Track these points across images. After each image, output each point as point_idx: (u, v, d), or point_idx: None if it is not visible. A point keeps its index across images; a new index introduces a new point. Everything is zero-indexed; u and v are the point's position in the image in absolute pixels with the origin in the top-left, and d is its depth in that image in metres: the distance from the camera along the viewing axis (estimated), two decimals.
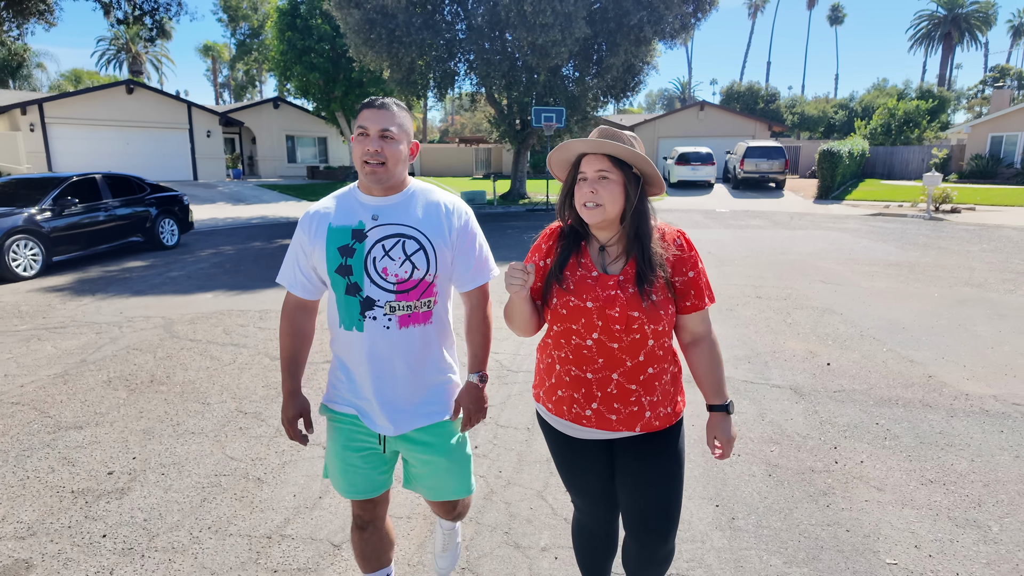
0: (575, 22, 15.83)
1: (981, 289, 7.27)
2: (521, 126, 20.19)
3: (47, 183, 9.25)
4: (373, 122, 1.66)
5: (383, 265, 1.68)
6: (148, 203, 10.53)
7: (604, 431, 1.67)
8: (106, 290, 7.48)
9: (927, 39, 58.12)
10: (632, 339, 1.59)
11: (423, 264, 1.70)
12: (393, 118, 1.68)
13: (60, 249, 8.80)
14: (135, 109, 23.98)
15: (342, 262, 1.69)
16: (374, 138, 1.66)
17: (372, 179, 1.67)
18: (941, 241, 11.36)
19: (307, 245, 1.75)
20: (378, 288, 1.68)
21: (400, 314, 1.70)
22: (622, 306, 1.58)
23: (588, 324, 1.61)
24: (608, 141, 1.59)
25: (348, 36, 17.52)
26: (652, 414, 1.66)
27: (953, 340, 5.28)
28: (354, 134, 1.69)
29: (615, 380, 1.63)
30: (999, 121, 26.89)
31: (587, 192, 1.61)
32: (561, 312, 1.64)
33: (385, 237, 1.70)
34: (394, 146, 1.68)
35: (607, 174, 1.59)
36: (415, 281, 1.70)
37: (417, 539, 2.63)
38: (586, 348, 1.63)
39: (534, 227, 13.85)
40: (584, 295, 1.61)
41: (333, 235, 1.71)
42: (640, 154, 1.60)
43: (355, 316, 1.70)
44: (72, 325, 5.88)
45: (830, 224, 14.33)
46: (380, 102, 1.69)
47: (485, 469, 3.18)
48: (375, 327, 1.70)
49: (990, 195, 20.34)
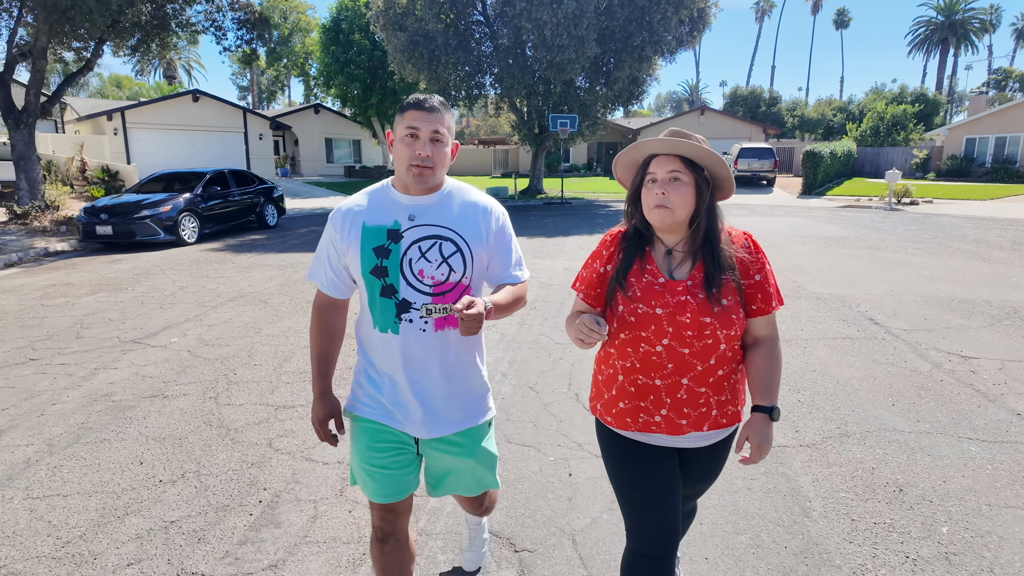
0: (587, 43, 18.82)
1: (876, 250, 10.19)
2: (539, 130, 23.19)
3: (191, 176, 12.41)
4: (425, 124, 1.62)
5: (419, 267, 1.65)
6: (257, 192, 13.69)
7: (674, 436, 1.61)
8: (255, 250, 10.61)
9: (925, 44, 60.43)
10: (704, 344, 1.55)
11: (460, 267, 1.67)
12: (443, 120, 1.64)
13: (207, 224, 11.97)
14: (199, 115, 27.31)
15: (377, 263, 1.65)
16: (425, 141, 1.62)
17: (419, 180, 1.64)
18: (880, 224, 14.23)
19: (339, 243, 1.71)
20: (414, 290, 1.65)
21: (437, 316, 1.61)
22: (693, 312, 1.53)
23: (658, 331, 1.55)
24: (683, 140, 1.55)
25: (393, 55, 20.62)
26: (719, 412, 1.61)
27: (830, 273, 8.22)
28: (400, 133, 1.64)
29: (685, 385, 1.57)
30: (973, 124, 29.55)
31: (657, 194, 1.56)
32: (629, 320, 1.58)
33: (422, 238, 1.66)
34: (442, 149, 1.65)
35: (679, 175, 1.55)
36: (452, 283, 1.67)
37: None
38: (655, 355, 1.57)
39: (551, 216, 16.89)
40: (652, 301, 1.56)
41: (368, 235, 1.67)
42: (715, 155, 1.56)
43: (391, 319, 1.67)
44: (257, 267, 8.98)
45: (801, 214, 17.21)
46: (430, 103, 1.64)
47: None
48: (411, 329, 1.66)
49: (955, 191, 23.07)
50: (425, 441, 1.76)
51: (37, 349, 5.11)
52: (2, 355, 4.95)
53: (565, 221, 15.24)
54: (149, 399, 4.03)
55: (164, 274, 8.45)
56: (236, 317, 6.09)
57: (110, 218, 10.66)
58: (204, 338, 5.38)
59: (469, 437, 1.79)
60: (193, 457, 3.25)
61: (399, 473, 1.74)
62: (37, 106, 12.65)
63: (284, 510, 2.75)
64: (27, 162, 12.73)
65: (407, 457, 1.76)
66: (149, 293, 7.21)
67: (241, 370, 4.57)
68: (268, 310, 6.38)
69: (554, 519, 2.69)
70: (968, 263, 8.87)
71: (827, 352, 4.90)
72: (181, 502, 2.82)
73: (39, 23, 11.78)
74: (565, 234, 12.62)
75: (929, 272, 8.21)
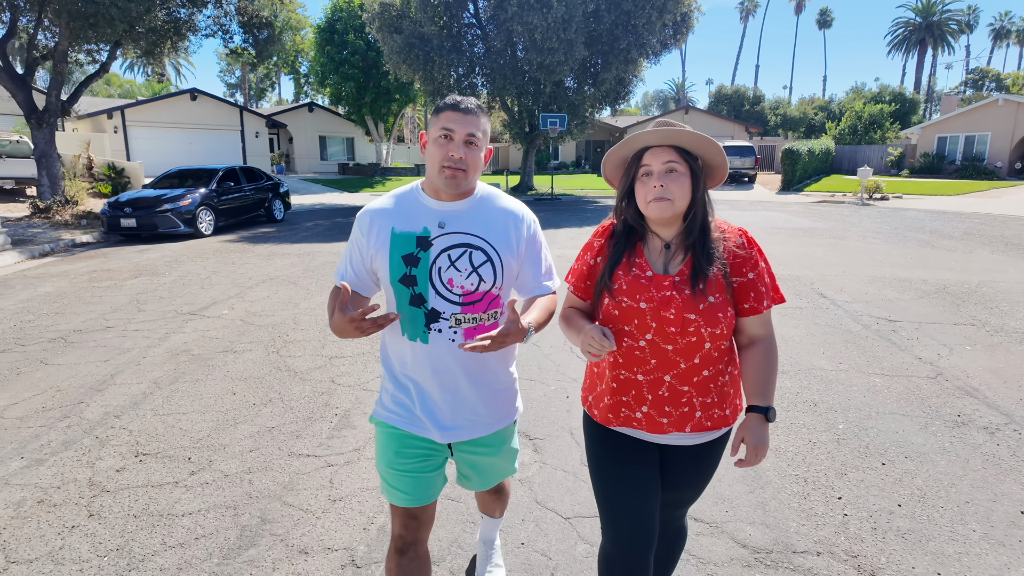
0: (575, 46, 19.75)
1: (839, 240, 11.22)
2: (530, 129, 24.11)
3: (205, 173, 13.20)
4: (461, 126, 1.59)
5: (448, 276, 1.63)
6: (266, 188, 14.50)
7: (654, 434, 1.60)
8: (269, 241, 11.45)
9: (904, 45, 62.05)
10: (688, 341, 1.52)
11: (490, 276, 1.65)
12: (479, 123, 1.61)
13: (221, 217, 12.78)
14: (197, 113, 27.96)
15: (406, 271, 1.63)
16: (459, 143, 1.59)
17: (451, 183, 1.60)
18: (849, 217, 15.31)
19: (365, 248, 1.69)
20: (443, 300, 1.63)
21: (466, 326, 1.64)
22: (678, 308, 1.51)
23: (641, 325, 1.54)
24: (679, 129, 1.52)
25: (388, 56, 21.43)
26: (704, 415, 1.59)
27: (793, 259, 9.22)
28: (434, 134, 1.61)
29: (667, 383, 1.56)
30: (944, 124, 30.88)
31: (655, 186, 1.52)
32: (613, 313, 1.58)
33: (452, 247, 1.63)
34: (477, 153, 1.63)
35: (676, 166, 1.52)
36: (481, 293, 1.65)
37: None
38: (638, 349, 1.56)
39: (543, 211, 17.82)
40: (637, 295, 1.55)
41: (397, 242, 1.64)
42: (711, 140, 1.53)
43: (420, 328, 1.65)
44: (277, 255, 9.83)
45: (777, 208, 18.27)
46: (466, 105, 1.61)
47: None
48: (440, 339, 1.65)
49: (925, 187, 24.29)
50: (454, 444, 1.78)
51: (109, 320, 5.96)
52: (82, 323, 5.80)
53: (556, 215, 16.18)
54: (222, 353, 4.92)
55: (192, 261, 9.29)
56: (273, 295, 6.96)
57: (134, 211, 11.45)
58: (250, 311, 6.25)
59: (497, 438, 1.82)
60: (274, 390, 4.15)
61: (427, 477, 1.75)
62: (57, 106, 13.37)
63: (356, 419, 3.67)
64: (48, 159, 13.45)
65: (435, 461, 1.76)
66: (186, 277, 8.06)
67: (291, 333, 5.46)
68: (299, 289, 7.26)
69: (557, 421, 3.64)
70: (918, 250, 9.92)
71: (778, 318, 5.87)
72: (275, 416, 3.73)
73: (61, 29, 12.51)
74: (556, 227, 13.55)
75: (881, 257, 9.24)
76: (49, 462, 3.18)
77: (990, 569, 2.35)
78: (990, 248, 10.09)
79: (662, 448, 1.67)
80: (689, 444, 1.64)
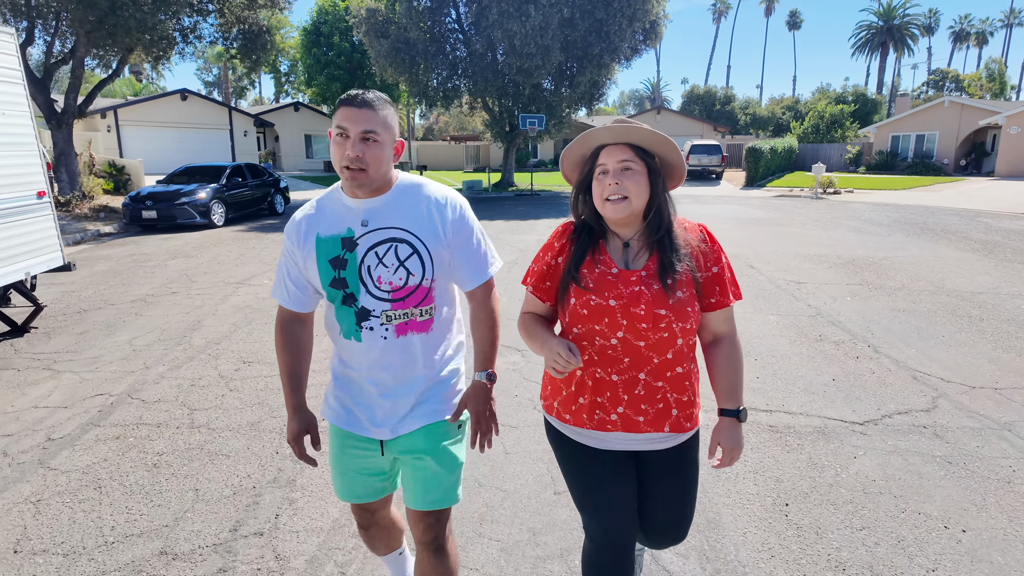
0: (552, 52, 21.23)
1: (783, 227, 12.86)
2: (510, 128, 25.56)
3: (213, 169, 14.42)
4: (354, 123, 1.52)
5: (378, 273, 1.61)
6: (267, 183, 15.75)
7: (631, 434, 1.59)
8: (278, 231, 12.72)
9: (867, 47, 64.70)
10: (660, 337, 1.52)
11: (418, 270, 1.62)
12: (376, 117, 1.54)
13: (230, 210, 14.01)
14: (187, 113, 28.92)
15: (335, 275, 1.63)
16: (355, 141, 1.53)
17: (353, 184, 1.57)
18: (799, 209, 17.01)
19: (298, 257, 1.68)
20: (373, 298, 1.62)
21: (397, 323, 1.63)
22: (648, 303, 1.51)
23: (612, 323, 1.52)
24: (634, 126, 1.52)
25: (375, 59, 22.69)
26: (680, 413, 1.59)
27: (736, 241, 10.79)
28: (332, 132, 1.57)
29: (642, 380, 1.56)
30: (897, 123, 33.03)
31: (611, 185, 1.51)
32: (582, 312, 1.55)
33: (378, 243, 1.61)
34: (377, 149, 1.55)
35: (631, 164, 1.52)
36: (411, 288, 1.63)
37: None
38: (611, 348, 1.55)
39: (523, 205, 19.30)
40: (606, 292, 1.53)
41: (323, 246, 1.63)
42: (667, 139, 1.53)
43: (352, 326, 1.65)
44: None
45: (738, 202, 19.95)
46: (360, 98, 1.53)
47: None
48: (373, 337, 1.64)
49: (876, 182, 26.24)
50: (391, 442, 1.73)
51: (171, 287, 7.27)
52: (151, 291, 7.11)
53: (536, 208, 17.67)
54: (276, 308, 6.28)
55: (216, 247, 10.56)
56: None
57: (154, 204, 12.65)
58: None
59: (429, 435, 1.72)
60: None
61: (365, 477, 1.78)
62: (75, 108, 14.47)
63: None
64: (67, 157, 14.55)
65: (374, 462, 1.76)
66: (217, 258, 9.35)
67: None
68: None
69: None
70: (846, 234, 11.58)
71: None
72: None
73: (79, 36, 13.62)
74: (536, 218, 15.03)
75: (812, 239, 10.87)
76: (185, 367, 4.56)
77: (808, 405, 3.87)
78: (906, 232, 11.80)
79: (638, 457, 1.67)
80: (663, 448, 1.63)
